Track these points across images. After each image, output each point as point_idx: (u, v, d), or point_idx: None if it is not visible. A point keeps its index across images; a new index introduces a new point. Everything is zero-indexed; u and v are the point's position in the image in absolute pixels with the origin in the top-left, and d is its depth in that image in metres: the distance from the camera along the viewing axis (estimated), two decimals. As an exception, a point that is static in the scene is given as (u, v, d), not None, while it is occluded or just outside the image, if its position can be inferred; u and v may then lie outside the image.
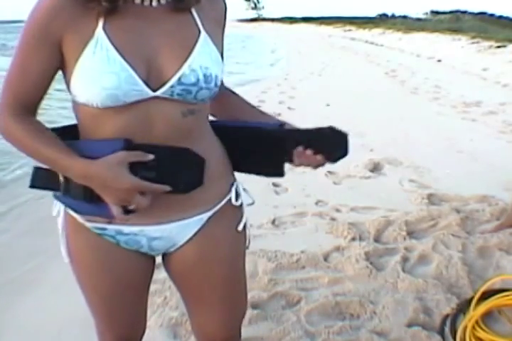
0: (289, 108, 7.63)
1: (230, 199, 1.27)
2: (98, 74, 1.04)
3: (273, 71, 13.26)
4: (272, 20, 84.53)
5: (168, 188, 1.09)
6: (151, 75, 1.07)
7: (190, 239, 1.24)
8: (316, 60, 15.72)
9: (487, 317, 2.19)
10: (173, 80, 1.08)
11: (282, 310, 2.34)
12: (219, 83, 1.15)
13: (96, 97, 1.05)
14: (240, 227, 1.31)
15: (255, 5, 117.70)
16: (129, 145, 1.08)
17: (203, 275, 1.28)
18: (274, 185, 4.12)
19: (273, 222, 3.35)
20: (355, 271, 2.64)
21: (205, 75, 1.10)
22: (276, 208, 3.58)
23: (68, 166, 1.08)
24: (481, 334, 2.07)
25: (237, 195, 1.29)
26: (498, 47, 13.75)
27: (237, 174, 1.32)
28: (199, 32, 1.13)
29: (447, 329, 2.14)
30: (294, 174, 4.46)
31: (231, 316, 1.38)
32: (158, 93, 1.08)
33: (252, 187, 1.38)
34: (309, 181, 4.14)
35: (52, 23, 1.06)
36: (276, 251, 2.85)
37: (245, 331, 2.10)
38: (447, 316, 2.22)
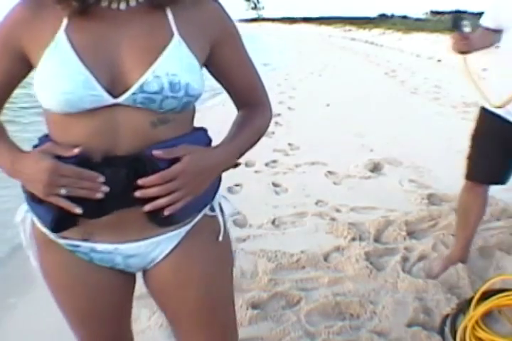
0: (289, 108, 7.64)
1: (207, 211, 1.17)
2: (53, 78, 0.97)
3: (273, 71, 13.25)
4: (272, 20, 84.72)
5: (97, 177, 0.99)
6: (115, 81, 0.99)
7: (167, 255, 1.14)
8: (316, 60, 15.71)
9: (487, 317, 2.18)
10: (135, 87, 0.99)
11: (282, 310, 2.34)
12: (193, 92, 1.02)
13: (53, 102, 0.99)
14: (220, 238, 1.18)
15: (255, 5, 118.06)
16: (84, 162, 0.99)
17: (179, 297, 1.18)
18: (274, 185, 4.06)
19: (273, 222, 3.35)
20: (355, 271, 2.64)
21: (171, 83, 0.99)
22: (276, 208, 3.56)
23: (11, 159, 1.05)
24: (481, 334, 2.06)
25: (213, 206, 1.18)
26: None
27: (237, 174, 1.31)
28: (172, 35, 1.02)
29: (447, 329, 2.14)
30: (294, 174, 4.47)
31: None
32: (119, 100, 0.99)
33: (252, 187, 1.38)
34: (309, 181, 4.12)
35: (13, 33, 1.03)
36: (276, 251, 2.85)
37: (245, 331, 2.11)
38: (447, 316, 2.22)
